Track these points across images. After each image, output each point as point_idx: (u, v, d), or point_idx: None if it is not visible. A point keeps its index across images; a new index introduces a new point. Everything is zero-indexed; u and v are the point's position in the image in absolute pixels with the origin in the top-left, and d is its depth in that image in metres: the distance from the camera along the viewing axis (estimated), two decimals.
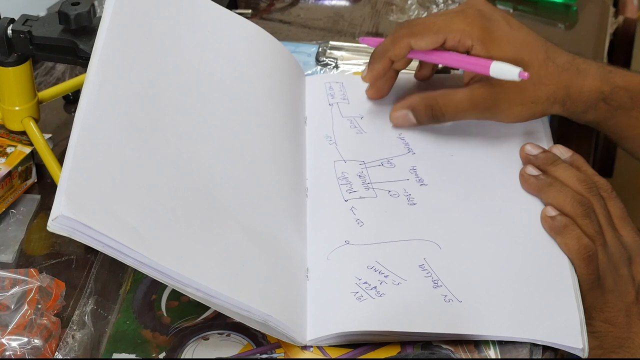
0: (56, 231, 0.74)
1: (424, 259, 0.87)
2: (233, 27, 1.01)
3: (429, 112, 0.96)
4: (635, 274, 0.88)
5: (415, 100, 0.97)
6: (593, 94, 0.96)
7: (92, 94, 0.82)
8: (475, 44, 0.94)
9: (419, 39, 0.95)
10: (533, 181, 0.92)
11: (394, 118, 0.98)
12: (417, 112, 0.97)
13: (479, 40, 0.94)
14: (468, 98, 0.95)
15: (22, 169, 0.98)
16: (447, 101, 0.96)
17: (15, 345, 0.81)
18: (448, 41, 0.95)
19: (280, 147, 0.95)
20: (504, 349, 0.83)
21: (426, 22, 0.96)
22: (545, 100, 0.95)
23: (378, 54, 0.98)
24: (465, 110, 0.96)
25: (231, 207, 0.85)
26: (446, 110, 0.96)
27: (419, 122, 0.97)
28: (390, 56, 0.97)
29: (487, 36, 0.94)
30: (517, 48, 0.94)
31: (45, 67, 1.14)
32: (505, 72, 0.92)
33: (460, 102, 0.95)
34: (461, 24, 0.95)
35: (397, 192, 0.93)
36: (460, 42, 0.94)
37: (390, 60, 0.98)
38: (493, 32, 0.95)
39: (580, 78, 0.95)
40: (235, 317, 0.81)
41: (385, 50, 0.98)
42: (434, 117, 0.96)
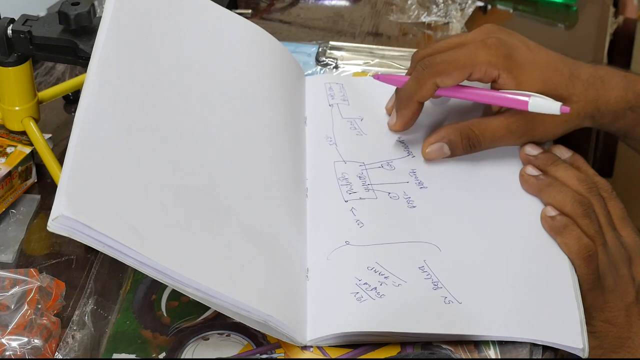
0: (56, 231, 0.74)
1: (423, 261, 0.87)
2: (233, 27, 1.01)
3: (465, 143, 0.94)
4: (635, 274, 0.88)
5: (450, 132, 0.95)
6: (620, 104, 0.96)
7: (92, 94, 0.82)
8: (502, 73, 0.93)
9: (445, 77, 0.93)
10: (533, 181, 0.92)
11: (428, 152, 0.95)
12: (453, 144, 0.94)
13: (505, 69, 0.93)
14: (505, 126, 0.94)
15: (22, 169, 0.98)
16: (483, 130, 0.94)
17: (15, 345, 0.81)
18: (474, 74, 0.93)
19: (280, 147, 0.95)
20: (504, 349, 0.83)
21: (449, 58, 0.93)
22: (577, 117, 0.95)
23: (405, 99, 0.96)
24: (502, 138, 0.94)
25: (231, 207, 0.85)
26: (483, 140, 0.94)
27: (453, 153, 0.95)
28: (418, 99, 0.95)
29: (512, 64, 0.93)
30: (543, 71, 0.94)
31: (45, 67, 1.14)
32: (545, 107, 0.91)
33: (497, 130, 0.94)
34: (485, 55, 0.93)
35: (397, 195, 0.93)
36: (487, 73, 0.93)
37: (418, 103, 0.95)
38: (517, 59, 0.93)
39: (606, 90, 0.96)
40: (235, 317, 0.81)
41: (411, 94, 0.95)
42: (471, 147, 0.95)
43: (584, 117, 0.96)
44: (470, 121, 0.95)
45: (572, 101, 0.94)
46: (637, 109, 0.96)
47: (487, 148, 0.95)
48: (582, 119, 0.96)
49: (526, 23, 1.00)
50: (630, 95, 0.96)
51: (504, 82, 0.93)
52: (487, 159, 0.97)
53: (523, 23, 0.98)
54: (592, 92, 0.95)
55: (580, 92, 0.95)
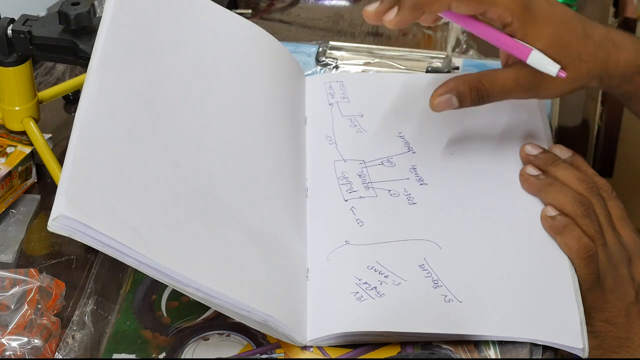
0: (56, 231, 0.74)
1: (424, 259, 0.87)
2: (233, 27, 1.01)
3: (474, 94, 0.93)
4: (635, 274, 0.88)
5: (458, 84, 0.94)
6: (629, 67, 0.95)
7: (92, 94, 0.82)
8: (515, 21, 0.92)
9: (462, 3, 0.92)
10: (533, 181, 0.92)
11: (437, 103, 0.94)
12: (462, 95, 0.93)
13: (520, 18, 0.92)
14: (513, 78, 0.94)
15: (22, 169, 0.98)
16: (492, 81, 0.94)
17: (15, 345, 0.81)
18: (488, 12, 0.92)
19: (280, 147, 0.95)
20: (504, 349, 0.83)
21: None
22: (585, 76, 0.94)
23: (413, 2, 0.92)
24: (510, 89, 0.94)
25: (231, 207, 0.85)
26: (492, 91, 0.94)
27: (461, 104, 0.94)
28: (426, 10, 0.92)
29: (527, 15, 0.92)
30: (556, 28, 0.93)
31: (45, 67, 1.14)
32: (543, 66, 0.91)
33: (505, 82, 0.94)
34: None
35: (397, 192, 0.93)
36: (501, 17, 0.92)
37: (423, 12, 0.93)
38: (534, 11, 0.93)
39: (616, 52, 0.95)
40: (235, 317, 0.81)
41: (422, 3, 0.92)
42: (479, 99, 0.94)
43: (592, 77, 0.95)
44: (479, 73, 0.95)
45: (582, 60, 0.94)
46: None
47: (496, 100, 0.94)
48: (590, 78, 0.95)
49: None
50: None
51: (513, 29, 0.92)
52: (487, 157, 0.97)
53: None
54: (603, 53, 0.95)
55: (590, 52, 0.94)
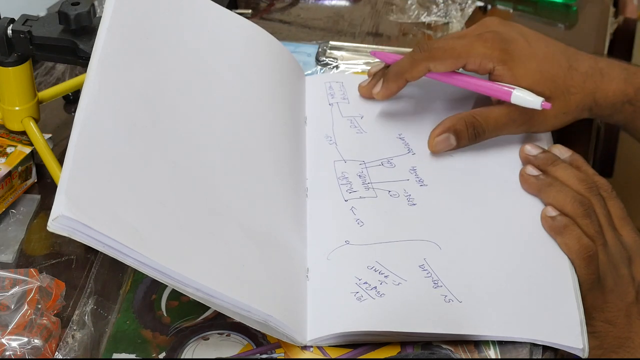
0: (56, 231, 0.74)
1: (424, 259, 0.87)
2: (233, 27, 1.01)
3: (471, 132, 0.95)
4: (635, 274, 0.88)
5: (454, 122, 0.96)
6: (618, 97, 0.96)
7: (92, 94, 0.82)
8: (497, 65, 0.94)
9: (438, 63, 0.95)
10: (533, 181, 0.92)
11: (435, 144, 0.96)
12: (460, 134, 0.95)
13: (500, 61, 0.94)
14: (505, 115, 0.95)
15: (22, 169, 0.98)
16: (486, 118, 0.95)
17: (15, 345, 0.81)
18: (468, 65, 0.95)
19: (280, 147, 0.95)
20: (504, 349, 0.83)
21: (446, 46, 0.95)
22: (575, 109, 0.96)
23: (394, 74, 0.98)
24: (503, 125, 0.96)
25: (231, 207, 0.85)
26: (487, 128, 0.95)
27: (459, 143, 0.96)
28: (407, 78, 0.97)
29: (507, 57, 0.94)
30: (540, 63, 0.95)
31: (45, 67, 1.14)
32: (527, 101, 0.93)
33: (498, 118, 0.95)
34: (481, 47, 0.95)
35: (397, 193, 0.93)
36: (481, 65, 0.95)
37: (406, 81, 0.97)
38: (513, 52, 0.95)
39: (605, 82, 0.96)
40: (235, 317, 0.81)
41: (402, 71, 0.97)
42: (475, 136, 0.96)
43: (582, 109, 0.96)
44: (472, 111, 0.97)
45: (570, 92, 0.95)
46: (636, 102, 0.97)
47: (491, 137, 0.96)
48: (580, 111, 0.96)
49: (526, 23, 1.00)
50: (630, 89, 0.97)
51: (499, 74, 0.95)
52: (487, 158, 0.97)
53: (523, 23, 0.99)
54: (591, 84, 0.96)
55: (578, 84, 0.95)
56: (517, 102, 0.93)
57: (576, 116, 0.97)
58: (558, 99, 0.95)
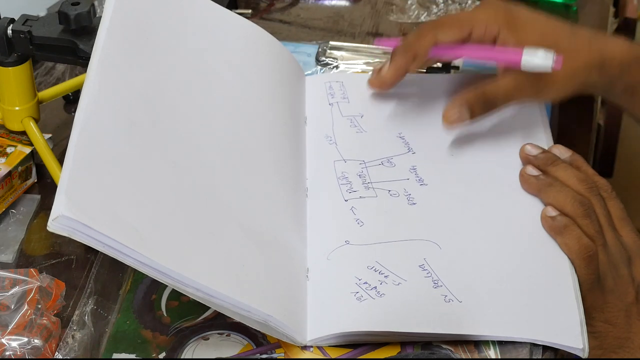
0: (56, 231, 0.74)
1: (424, 259, 0.87)
2: (233, 27, 1.01)
3: (482, 101, 0.94)
4: (635, 274, 0.88)
5: (468, 96, 0.95)
6: (625, 55, 0.96)
7: (92, 94, 0.82)
8: (502, 29, 0.94)
9: (445, 32, 0.95)
10: (533, 181, 0.92)
11: (450, 116, 0.95)
12: (473, 106, 0.94)
13: (505, 25, 0.94)
14: (514, 80, 0.95)
15: (22, 169, 0.98)
16: (495, 89, 0.95)
17: (15, 345, 0.81)
18: (474, 32, 0.94)
19: (280, 147, 0.95)
20: (504, 349, 0.83)
21: (450, 16, 0.97)
22: (583, 69, 0.95)
23: (401, 48, 0.97)
24: (513, 94, 0.95)
25: (231, 207, 0.85)
26: (497, 96, 0.95)
27: (472, 115, 0.95)
28: (416, 50, 0.96)
29: (512, 20, 0.94)
30: (543, 29, 0.95)
31: (45, 67, 1.14)
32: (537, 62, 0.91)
33: (507, 88, 0.95)
34: (485, 14, 0.95)
35: (397, 192, 0.93)
36: (487, 30, 0.94)
37: (413, 55, 0.96)
38: (517, 17, 0.95)
39: (610, 43, 0.96)
40: (235, 317, 0.81)
41: (409, 45, 0.96)
42: (488, 106, 0.95)
43: (591, 68, 0.95)
44: (482, 83, 0.96)
45: (576, 51, 0.94)
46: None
47: (502, 105, 0.95)
48: (589, 70, 0.95)
49: None
50: (636, 49, 0.96)
51: (504, 37, 0.94)
52: (487, 157, 0.97)
53: None
54: (596, 43, 0.95)
55: (583, 44, 0.95)
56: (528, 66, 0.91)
57: (585, 77, 0.95)
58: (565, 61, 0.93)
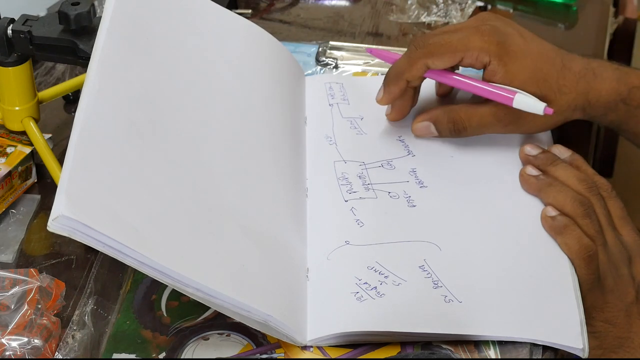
0: (56, 231, 0.74)
1: (424, 260, 0.87)
2: (233, 27, 1.01)
3: (451, 126, 0.95)
4: (635, 274, 0.88)
5: (438, 113, 0.96)
6: (611, 96, 0.96)
7: (92, 94, 0.82)
8: (493, 60, 0.93)
9: (436, 59, 0.94)
10: (533, 181, 0.92)
11: (416, 129, 0.97)
12: (440, 125, 0.96)
13: (496, 56, 0.93)
14: (492, 113, 0.95)
15: (22, 169, 0.98)
16: (470, 115, 0.95)
17: (15, 345, 0.81)
18: (465, 59, 0.94)
19: (280, 147, 0.95)
20: (504, 349, 0.83)
21: (442, 41, 0.94)
22: (567, 109, 0.95)
23: (393, 75, 0.96)
24: (488, 124, 0.95)
25: (231, 207, 0.85)
26: (469, 124, 0.95)
27: (440, 134, 0.96)
28: (407, 78, 0.96)
29: (503, 52, 0.93)
30: (534, 60, 0.94)
31: (45, 67, 1.14)
32: (529, 105, 0.92)
33: (483, 116, 0.95)
34: (478, 41, 0.93)
35: (397, 194, 0.93)
36: (478, 59, 0.93)
37: (406, 81, 0.96)
38: (509, 46, 0.94)
39: (598, 82, 0.96)
40: (236, 317, 0.81)
41: (401, 72, 0.96)
42: (456, 131, 0.96)
43: (574, 110, 0.96)
44: (460, 105, 0.96)
45: (563, 92, 0.94)
46: (629, 101, 0.96)
47: (474, 134, 0.96)
48: (572, 111, 0.96)
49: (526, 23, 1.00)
50: (623, 88, 0.96)
51: (494, 69, 0.93)
52: (487, 158, 0.97)
53: (523, 23, 0.99)
54: (583, 84, 0.95)
55: (571, 84, 0.95)
56: (520, 106, 0.92)
57: (567, 116, 0.96)
58: (550, 98, 0.94)
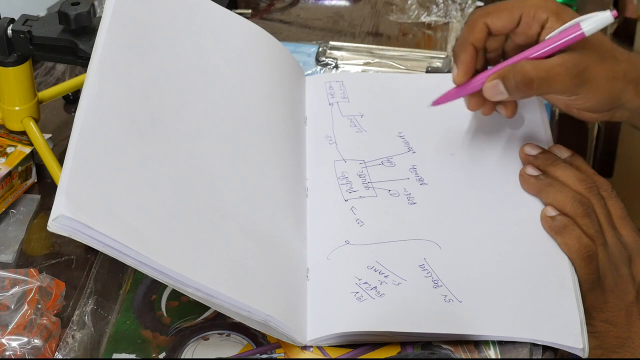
0: (56, 231, 0.74)
1: (424, 259, 0.87)
2: (233, 27, 1.01)
3: (518, 79, 0.91)
4: (635, 274, 0.88)
5: (505, 69, 0.92)
6: None
7: (92, 94, 0.82)
8: (551, 16, 0.91)
9: (495, 17, 0.93)
10: (533, 181, 0.92)
11: (486, 89, 0.92)
12: (507, 82, 0.91)
13: (554, 12, 0.92)
14: (560, 63, 0.91)
15: (22, 169, 0.98)
16: (538, 66, 0.91)
17: (15, 345, 0.81)
18: (523, 17, 0.92)
19: (280, 147, 0.95)
20: (504, 349, 0.83)
21: (499, 3, 0.94)
22: (623, 77, 0.93)
23: (459, 45, 0.95)
24: (556, 76, 0.91)
25: (231, 207, 0.85)
26: (537, 75, 0.91)
27: (509, 92, 0.91)
28: (473, 41, 0.94)
29: (560, 9, 0.92)
30: None
31: (45, 67, 1.14)
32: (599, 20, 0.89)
33: (552, 67, 0.91)
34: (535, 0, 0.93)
35: (397, 192, 0.93)
36: (536, 16, 0.92)
37: (473, 46, 0.94)
38: (566, 10, 0.92)
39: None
40: (235, 317, 0.81)
41: (465, 37, 0.94)
42: (524, 85, 0.91)
43: (629, 81, 0.93)
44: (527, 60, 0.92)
45: (617, 59, 0.93)
46: None
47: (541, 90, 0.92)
48: (627, 82, 0.93)
49: None
50: None
51: (552, 25, 0.91)
52: (487, 157, 0.97)
53: None
54: (636, 59, 0.94)
55: (623, 54, 0.94)
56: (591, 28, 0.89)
57: (623, 86, 0.93)
58: (607, 60, 0.92)
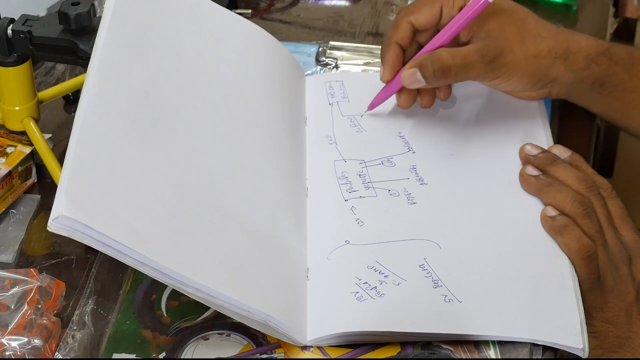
0: (56, 231, 0.74)
1: (424, 259, 0.87)
2: (233, 27, 1.01)
3: (435, 67, 0.93)
4: (635, 274, 0.88)
5: (422, 57, 0.94)
6: (591, 48, 0.96)
7: (92, 94, 0.82)
8: None
9: (418, 15, 0.96)
10: (533, 181, 0.92)
11: (403, 77, 0.95)
12: (425, 70, 0.93)
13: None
14: (475, 49, 0.93)
15: (22, 169, 0.98)
16: (454, 54, 0.93)
17: (15, 345, 0.81)
18: (444, 7, 0.95)
19: (280, 147, 0.95)
20: (504, 349, 0.83)
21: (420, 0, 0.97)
22: (547, 54, 0.95)
23: (385, 45, 0.98)
24: (472, 63, 0.93)
25: (231, 207, 0.86)
26: (453, 62, 0.93)
27: (427, 80, 0.93)
28: (397, 40, 0.97)
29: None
30: (511, 5, 0.96)
31: (45, 67, 1.14)
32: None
33: (468, 54, 0.93)
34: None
35: (397, 192, 0.93)
36: (455, 4, 0.95)
37: (398, 45, 0.97)
38: None
39: (577, 36, 0.97)
40: (235, 317, 0.81)
41: (389, 37, 0.97)
42: (441, 72, 0.93)
43: (555, 57, 0.95)
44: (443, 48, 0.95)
45: (542, 36, 0.95)
46: (610, 55, 0.97)
47: (459, 77, 0.94)
48: (553, 58, 0.95)
49: None
50: (602, 44, 0.97)
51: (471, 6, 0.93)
52: (487, 157, 0.97)
53: None
54: (563, 35, 0.96)
55: (550, 31, 0.96)
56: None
57: (549, 63, 0.95)
58: (528, 40, 0.94)
